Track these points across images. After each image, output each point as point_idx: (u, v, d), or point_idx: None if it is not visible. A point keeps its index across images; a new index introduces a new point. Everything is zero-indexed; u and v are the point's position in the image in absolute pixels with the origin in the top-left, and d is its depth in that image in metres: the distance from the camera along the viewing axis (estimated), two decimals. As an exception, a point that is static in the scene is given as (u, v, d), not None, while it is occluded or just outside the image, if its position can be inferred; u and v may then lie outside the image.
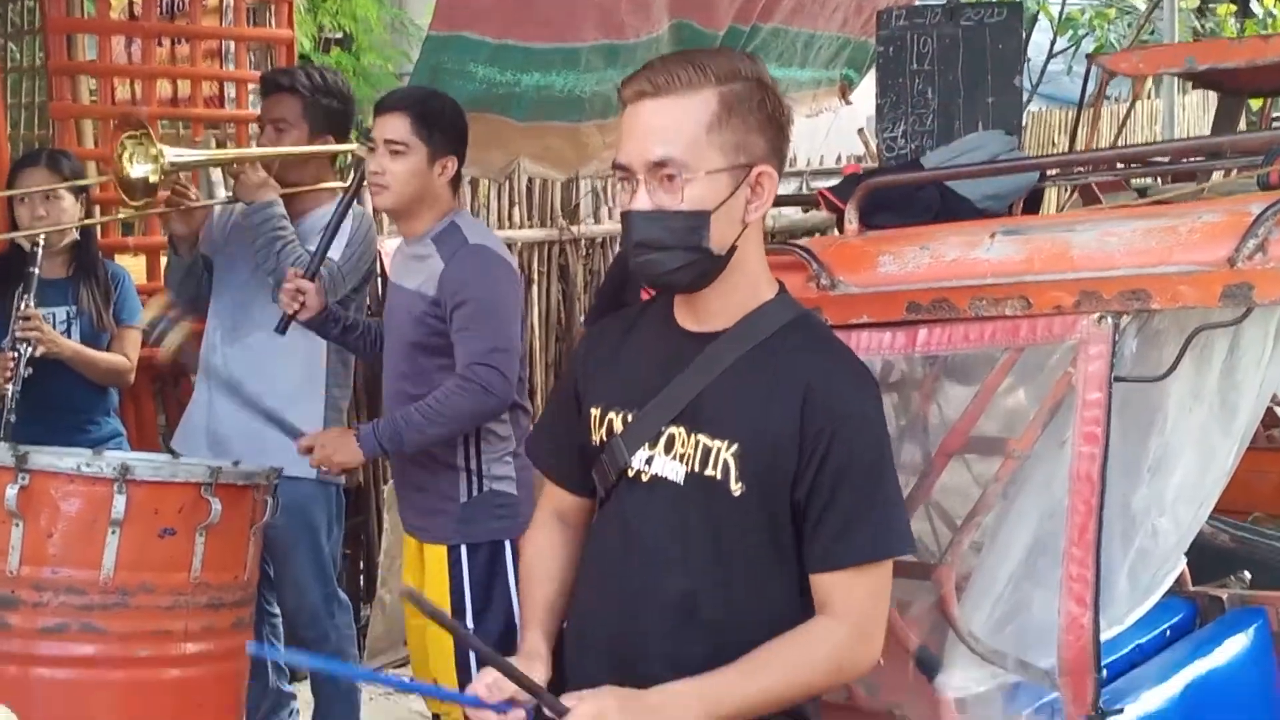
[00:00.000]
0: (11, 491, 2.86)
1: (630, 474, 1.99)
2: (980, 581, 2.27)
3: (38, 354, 3.72)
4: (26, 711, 2.87)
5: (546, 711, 1.87)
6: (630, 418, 2.00)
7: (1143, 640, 2.67)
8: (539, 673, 1.97)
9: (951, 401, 2.47)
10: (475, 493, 3.25)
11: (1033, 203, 3.50)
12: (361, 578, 5.18)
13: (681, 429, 1.95)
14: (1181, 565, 2.80)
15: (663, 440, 1.97)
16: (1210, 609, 2.88)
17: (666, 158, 1.85)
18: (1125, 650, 2.61)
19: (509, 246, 5.50)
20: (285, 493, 3.33)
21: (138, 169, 3.56)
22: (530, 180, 5.50)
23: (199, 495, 3.00)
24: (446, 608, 3.18)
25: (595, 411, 2.06)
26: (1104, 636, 2.42)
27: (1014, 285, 2.21)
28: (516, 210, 5.58)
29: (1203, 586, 2.94)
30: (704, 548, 1.94)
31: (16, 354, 3.71)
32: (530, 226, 5.63)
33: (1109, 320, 2.11)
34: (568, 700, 1.84)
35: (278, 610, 3.91)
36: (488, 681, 1.93)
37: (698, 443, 1.93)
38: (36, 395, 3.70)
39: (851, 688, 2.36)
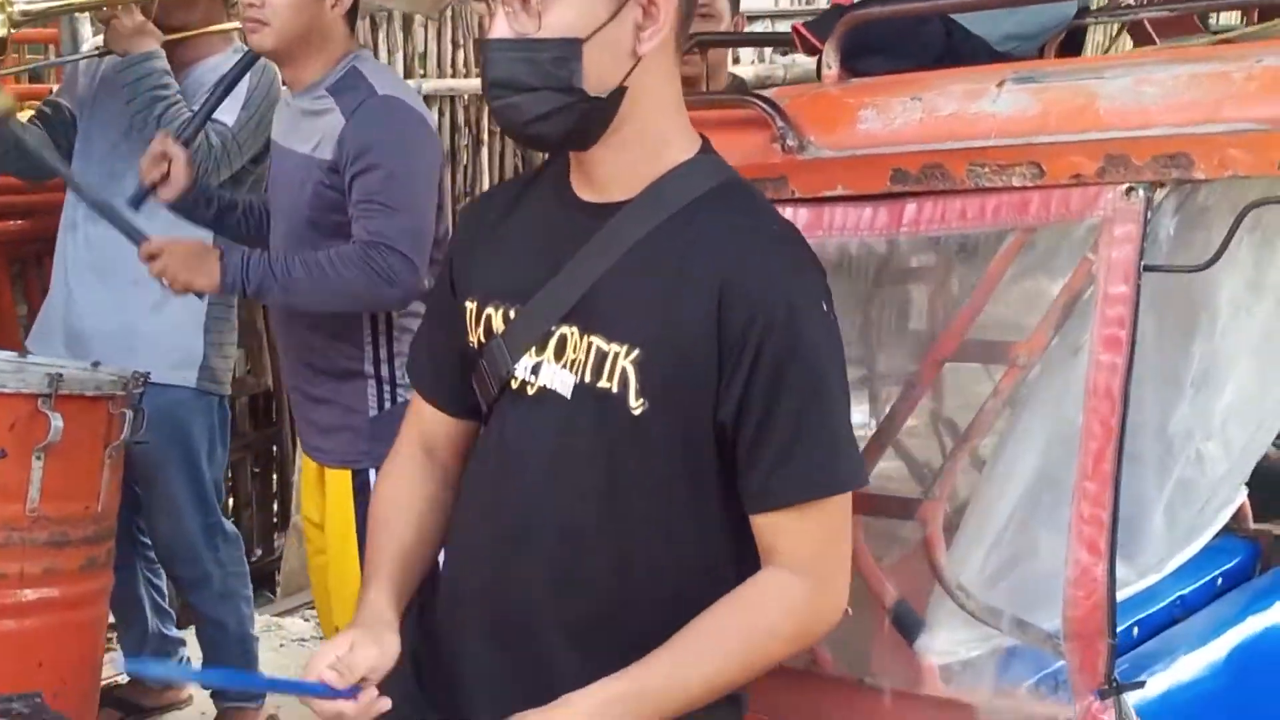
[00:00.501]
0: None
1: (514, 386, 1.87)
2: (974, 522, 2.14)
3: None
4: None
5: None
6: (513, 314, 1.87)
7: (1186, 591, 2.56)
8: (387, 644, 1.84)
9: (945, 297, 2.32)
10: (387, 405, 3.11)
11: (1071, 46, 3.29)
12: (275, 502, 5.09)
13: (574, 329, 1.82)
14: (1240, 499, 2.69)
15: (552, 343, 1.83)
16: (1275, 551, 2.76)
17: None
18: (1163, 603, 2.50)
19: (452, 100, 5.41)
20: (155, 403, 3.23)
21: None
22: (482, 18, 5.31)
23: (35, 409, 2.89)
24: (351, 542, 3.08)
25: (471, 305, 1.93)
26: (1134, 588, 2.34)
27: (1024, 148, 2.04)
28: (461, 54, 5.38)
29: (1267, 524, 2.81)
30: (594, 480, 1.82)
31: None
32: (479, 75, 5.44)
33: (1140, 193, 1.94)
34: None
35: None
36: (331, 662, 1.79)
37: (590, 346, 1.80)
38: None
39: (815, 651, 2.24)
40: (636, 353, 1.76)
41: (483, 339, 1.91)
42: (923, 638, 2.16)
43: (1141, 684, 2.04)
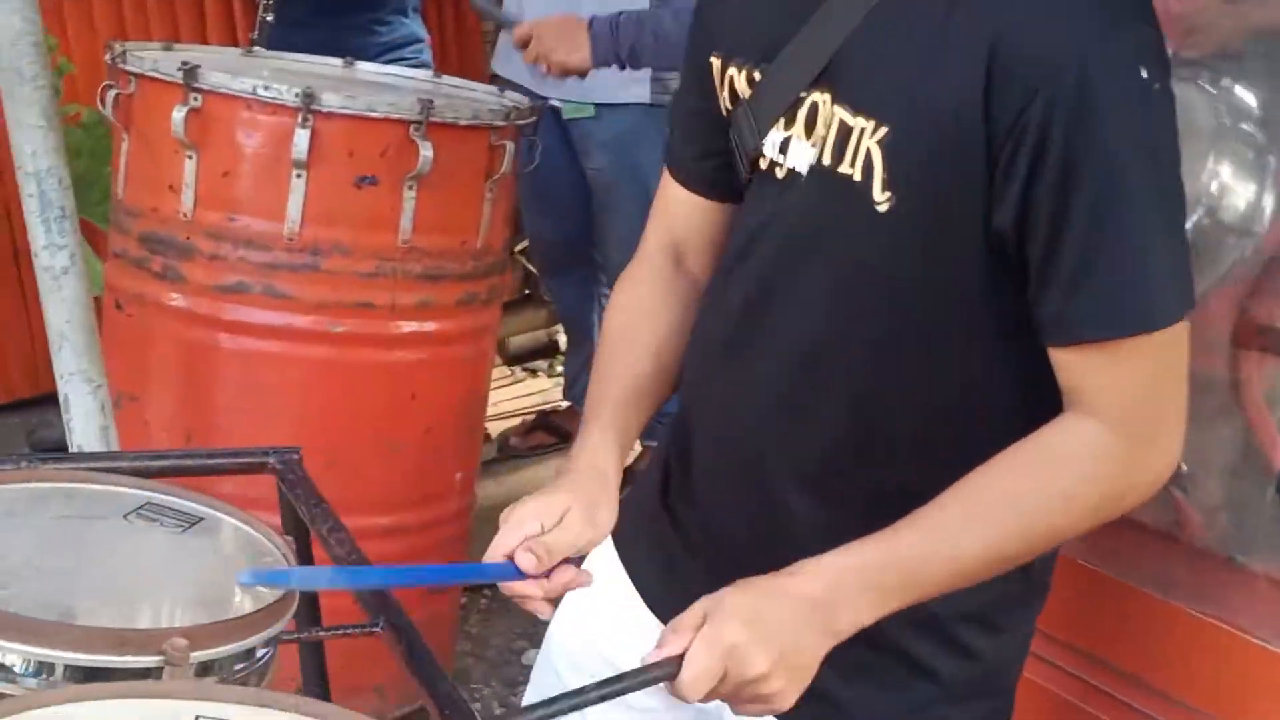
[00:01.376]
0: (179, 115, 2.69)
1: (763, 166, 1.48)
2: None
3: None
4: (209, 386, 2.83)
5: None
6: (757, 75, 1.47)
7: None
8: (600, 520, 1.51)
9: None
10: None
11: None
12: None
13: (825, 95, 1.40)
14: None
15: (802, 113, 1.43)
16: None
17: None
18: None
19: None
20: (606, 125, 3.15)
21: None
22: None
23: (406, 136, 2.72)
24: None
25: (715, 62, 1.54)
26: None
27: None
28: None
29: None
30: (838, 285, 1.43)
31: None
32: None
33: None
34: (670, 641, 1.34)
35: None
36: (530, 545, 1.46)
37: (834, 118, 1.38)
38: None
39: (1184, 512, 1.77)
40: (884, 131, 1.34)
41: (729, 105, 1.53)
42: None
43: None
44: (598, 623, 1.72)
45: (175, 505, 1.56)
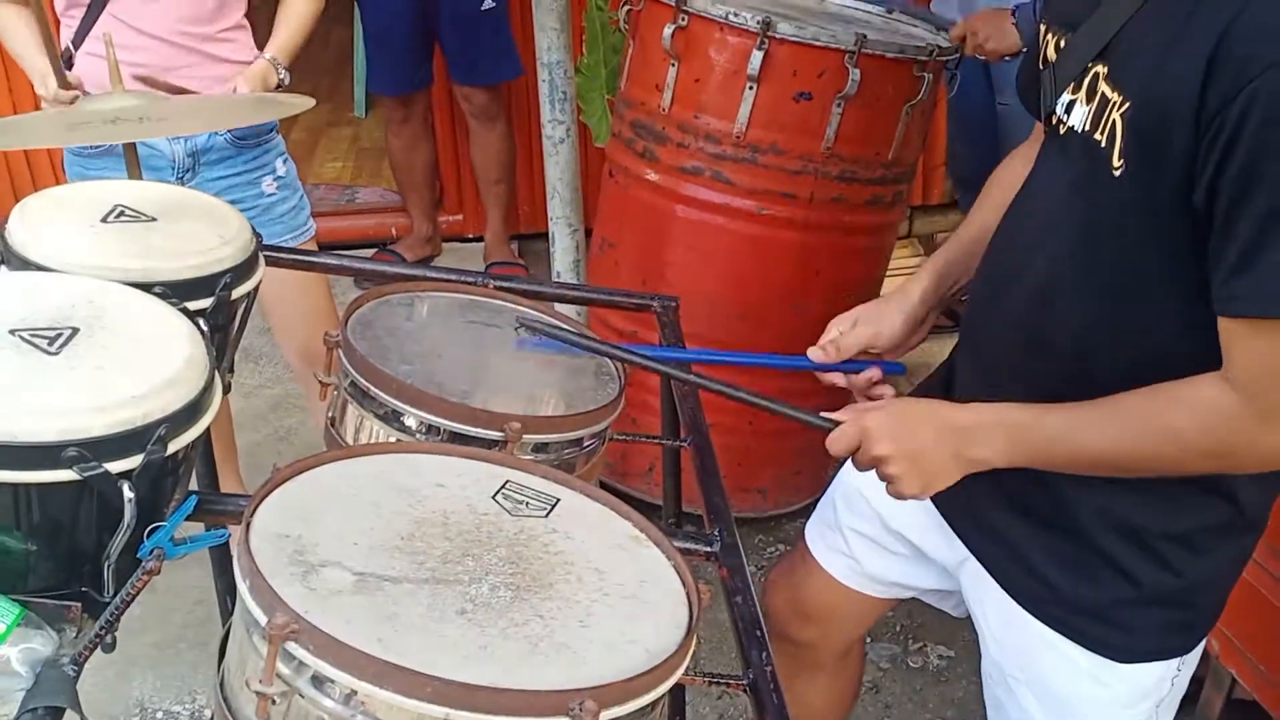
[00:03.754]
0: (668, 31, 2.81)
1: (1054, 122, 1.42)
2: None
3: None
4: (663, 242, 2.98)
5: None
6: (1063, 43, 1.40)
7: None
8: (890, 319, 1.63)
9: None
10: None
11: None
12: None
13: (1103, 68, 1.32)
14: None
15: (1086, 81, 1.35)
16: None
17: None
18: None
19: None
20: (1015, 67, 2.92)
21: None
22: None
23: (841, 63, 2.72)
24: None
25: (1042, 26, 1.47)
26: None
27: None
28: None
29: None
30: (1074, 236, 1.36)
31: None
32: None
33: None
34: (840, 414, 1.46)
35: None
36: (824, 341, 1.59)
37: (1099, 91, 1.31)
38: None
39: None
40: (1128, 106, 1.26)
41: (1042, 65, 1.46)
42: None
43: None
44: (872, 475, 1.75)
45: (548, 325, 1.69)
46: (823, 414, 1.46)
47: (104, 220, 1.53)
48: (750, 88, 2.77)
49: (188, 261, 1.46)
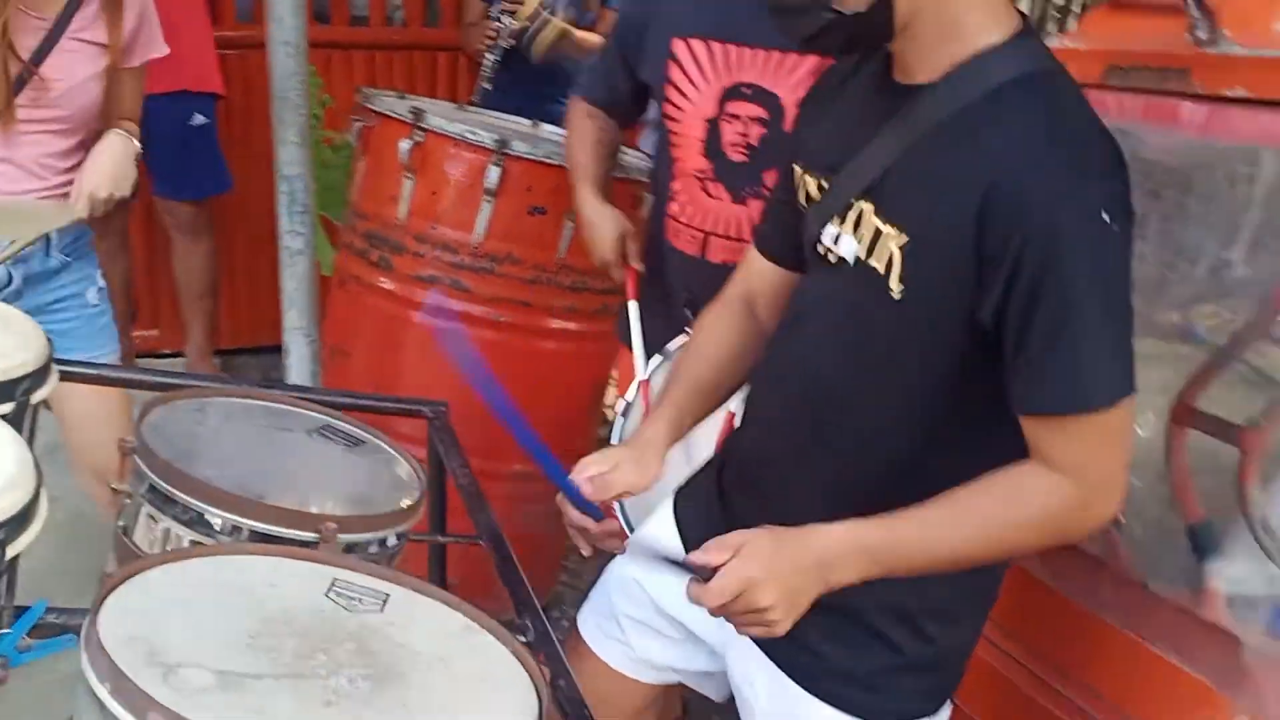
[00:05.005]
0: (405, 146, 2.87)
1: (820, 251, 1.57)
2: (1296, 463, 1.61)
3: (515, 26, 3.69)
4: (399, 349, 3.00)
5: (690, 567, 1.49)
6: (825, 184, 1.56)
7: None
8: (647, 469, 1.66)
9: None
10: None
11: None
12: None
13: (869, 205, 1.48)
14: None
15: (851, 216, 1.51)
16: None
17: None
18: None
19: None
20: None
21: None
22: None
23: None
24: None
25: (797, 170, 1.64)
26: None
27: None
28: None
29: None
30: (858, 349, 1.51)
31: (500, 25, 3.70)
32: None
33: None
34: (713, 554, 1.45)
35: None
36: (589, 475, 1.64)
37: (874, 224, 1.47)
38: (515, 68, 3.70)
39: (1113, 542, 1.82)
40: (905, 239, 1.42)
41: (804, 203, 1.62)
42: (1216, 562, 1.69)
43: None
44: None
45: (346, 430, 1.71)
46: (691, 559, 1.46)
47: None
48: (488, 201, 2.86)
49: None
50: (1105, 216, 1.33)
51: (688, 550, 1.69)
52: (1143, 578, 1.79)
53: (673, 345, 2.20)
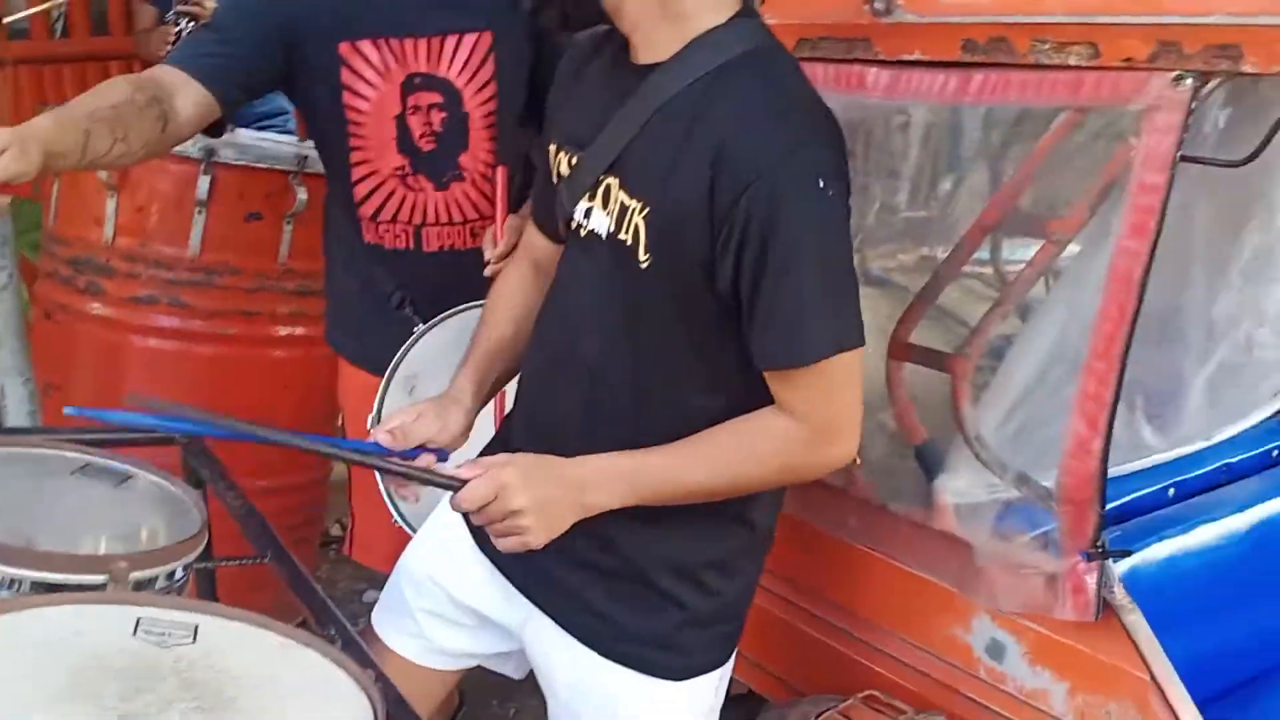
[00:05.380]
0: (103, 164, 2.75)
1: (573, 226, 1.65)
2: (998, 382, 1.83)
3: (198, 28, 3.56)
4: (121, 376, 2.88)
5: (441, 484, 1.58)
6: (575, 160, 1.64)
7: (1235, 460, 2.15)
8: (454, 418, 1.73)
9: (997, 168, 1.95)
10: None
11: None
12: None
13: (615, 180, 1.58)
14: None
15: (600, 191, 1.60)
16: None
17: None
18: (1206, 469, 2.11)
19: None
20: None
21: None
22: None
23: (287, 183, 2.82)
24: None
25: (551, 148, 1.71)
26: (1166, 455, 1.98)
27: (1084, 26, 1.65)
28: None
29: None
30: (616, 322, 1.61)
31: (179, 27, 3.56)
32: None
33: (1188, 82, 1.54)
34: (466, 470, 1.55)
35: None
36: (390, 427, 1.69)
37: (619, 199, 1.56)
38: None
39: (853, 475, 2.00)
40: (646, 210, 1.52)
41: (556, 180, 1.70)
42: (941, 477, 1.89)
43: (1127, 553, 1.72)
44: (438, 557, 1.88)
45: (109, 466, 1.67)
46: (446, 472, 1.55)
47: None
48: (200, 212, 2.78)
49: None
50: (820, 182, 1.46)
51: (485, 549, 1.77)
52: (881, 500, 1.97)
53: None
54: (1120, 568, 1.71)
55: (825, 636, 2.10)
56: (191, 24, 3.55)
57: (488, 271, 2.09)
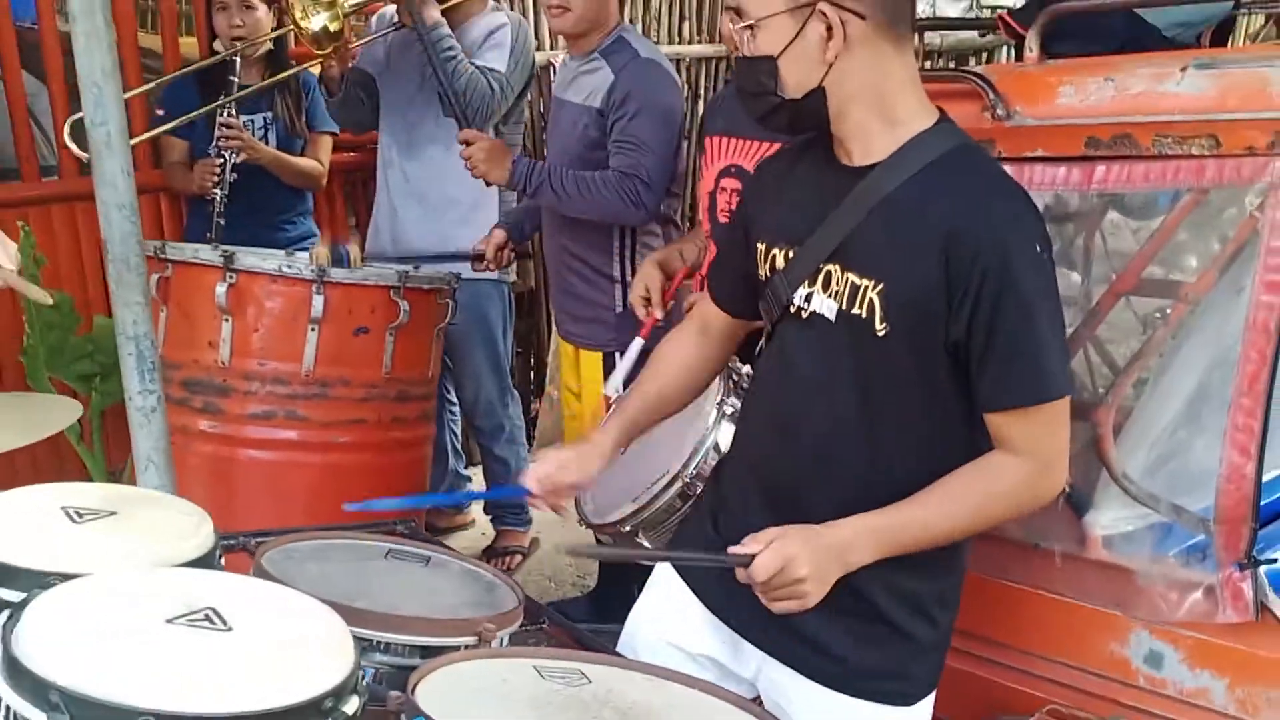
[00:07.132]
0: (221, 289, 2.89)
1: (792, 310, 1.87)
2: (1140, 424, 2.09)
3: (240, 160, 3.72)
4: (235, 489, 2.98)
5: (728, 563, 1.74)
6: (791, 254, 1.87)
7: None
8: (594, 466, 1.97)
9: (1126, 241, 2.24)
10: (628, 304, 3.14)
11: (1222, 32, 3.13)
12: (531, 374, 5.18)
13: (836, 266, 1.80)
14: None
15: (820, 278, 1.83)
16: None
17: (737, 5, 1.76)
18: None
19: (677, 62, 5.31)
20: (464, 293, 3.32)
21: (316, 20, 3.41)
22: (712, -8, 5.23)
23: (389, 297, 3.00)
24: (600, 407, 3.13)
25: (761, 247, 1.93)
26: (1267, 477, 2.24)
27: (1203, 123, 1.96)
28: (686, 26, 5.31)
29: None
30: (851, 382, 1.81)
31: (223, 160, 3.72)
32: (700, 42, 5.36)
33: (1303, 164, 1.85)
34: (750, 546, 1.72)
35: (456, 401, 3.97)
36: (538, 475, 1.92)
37: (847, 280, 1.79)
38: (241, 200, 3.72)
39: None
40: (881, 286, 1.74)
41: (769, 273, 1.91)
42: (1090, 514, 2.13)
43: (1275, 561, 1.98)
44: (665, 623, 2.02)
45: (410, 550, 1.81)
46: (732, 552, 1.72)
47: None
48: (313, 329, 2.93)
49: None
50: (1037, 246, 1.71)
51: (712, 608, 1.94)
52: (1032, 541, 2.20)
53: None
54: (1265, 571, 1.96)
55: (976, 669, 2.28)
56: (232, 155, 3.72)
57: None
